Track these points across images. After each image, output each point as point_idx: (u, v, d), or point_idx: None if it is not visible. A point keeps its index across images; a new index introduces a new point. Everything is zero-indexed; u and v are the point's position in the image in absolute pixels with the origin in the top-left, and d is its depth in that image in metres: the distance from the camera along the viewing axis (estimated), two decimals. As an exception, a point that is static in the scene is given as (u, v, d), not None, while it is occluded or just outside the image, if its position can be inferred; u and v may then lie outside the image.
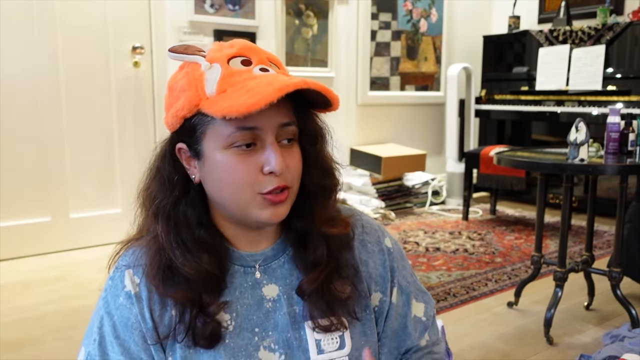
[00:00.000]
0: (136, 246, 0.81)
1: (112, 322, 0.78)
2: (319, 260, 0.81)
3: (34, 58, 2.97)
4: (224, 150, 0.74)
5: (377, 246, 0.89)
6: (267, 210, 0.76)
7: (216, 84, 0.73)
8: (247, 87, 0.72)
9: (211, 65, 0.75)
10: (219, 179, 0.75)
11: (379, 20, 4.37)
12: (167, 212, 0.78)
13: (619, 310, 2.23)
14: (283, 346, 0.80)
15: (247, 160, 0.74)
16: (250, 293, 0.81)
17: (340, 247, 0.84)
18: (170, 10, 3.34)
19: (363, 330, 0.85)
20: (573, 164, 1.95)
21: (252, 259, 0.82)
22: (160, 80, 3.35)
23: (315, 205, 0.82)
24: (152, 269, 0.77)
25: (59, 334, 2.10)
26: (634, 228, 2.34)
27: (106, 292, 0.80)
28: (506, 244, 3.32)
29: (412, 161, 4.25)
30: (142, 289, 0.78)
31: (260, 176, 0.74)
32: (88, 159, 3.19)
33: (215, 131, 0.74)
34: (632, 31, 3.76)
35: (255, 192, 0.75)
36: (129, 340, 0.77)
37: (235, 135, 0.73)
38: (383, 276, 0.88)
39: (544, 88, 4.07)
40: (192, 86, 0.75)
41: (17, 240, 2.98)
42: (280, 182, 0.75)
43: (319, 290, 0.80)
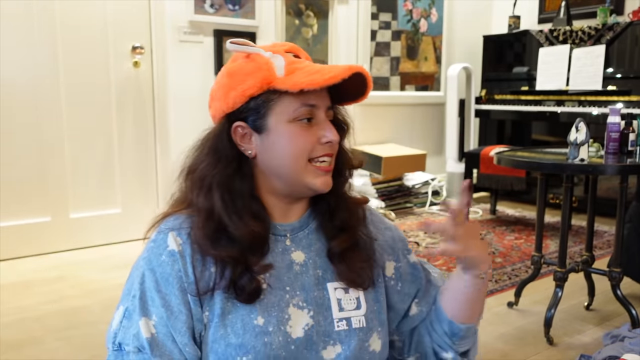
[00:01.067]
0: (177, 214, 0.91)
1: (154, 277, 0.85)
2: (345, 226, 0.95)
3: (34, 58, 2.97)
4: (288, 124, 0.87)
5: (382, 224, 1.04)
6: (319, 179, 0.89)
7: (284, 68, 0.87)
8: (315, 68, 0.86)
9: (273, 54, 0.89)
10: (283, 148, 0.88)
11: (379, 20, 4.37)
12: (224, 183, 0.88)
13: (619, 311, 2.23)
14: (311, 303, 0.90)
15: (308, 132, 0.88)
16: (281, 257, 0.91)
17: (358, 219, 0.98)
18: (170, 10, 3.34)
19: (376, 297, 0.97)
20: (573, 164, 1.95)
21: (283, 229, 0.93)
22: (160, 80, 3.35)
23: (343, 182, 0.97)
24: (202, 231, 0.86)
25: (59, 334, 2.10)
26: (634, 228, 2.34)
27: (148, 252, 0.88)
28: (506, 244, 3.32)
29: (412, 161, 4.25)
30: (185, 248, 0.86)
31: (318, 145, 0.88)
32: (88, 159, 3.19)
33: (281, 107, 0.87)
34: (632, 31, 3.76)
35: (307, 159, 0.88)
36: (170, 294, 0.84)
37: (301, 110, 0.87)
38: (392, 247, 1.02)
39: (544, 88, 4.07)
40: (262, 69, 0.87)
41: (17, 240, 2.98)
42: (331, 150, 0.90)
43: (345, 254, 0.93)
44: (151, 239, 0.89)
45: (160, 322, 0.84)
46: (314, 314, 0.89)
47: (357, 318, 0.92)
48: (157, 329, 0.84)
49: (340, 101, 0.95)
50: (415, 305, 1.02)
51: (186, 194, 0.92)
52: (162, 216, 0.92)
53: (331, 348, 0.89)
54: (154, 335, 0.83)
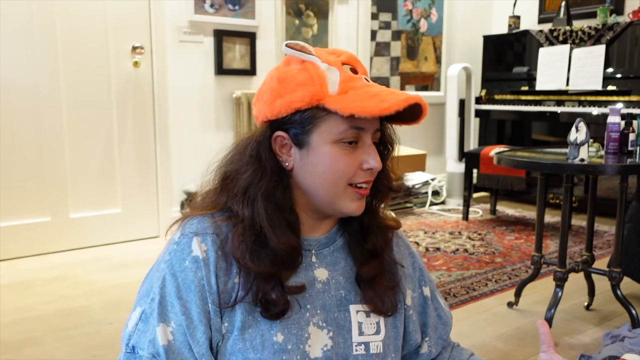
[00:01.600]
0: (203, 217, 0.87)
1: (176, 283, 0.82)
2: (375, 251, 0.92)
3: (34, 58, 2.97)
4: (332, 144, 0.83)
5: (407, 249, 1.02)
6: (354, 203, 0.86)
7: (338, 84, 0.83)
8: (370, 92, 0.82)
9: (330, 67, 0.83)
10: (322, 169, 0.84)
11: (379, 20, 4.37)
12: (268, 195, 0.85)
13: (619, 310, 2.23)
14: (331, 324, 0.87)
15: (351, 156, 0.84)
16: (304, 273, 0.88)
17: (387, 244, 0.95)
18: (170, 10, 3.34)
19: (395, 323, 0.95)
20: (573, 164, 1.95)
21: (308, 244, 0.90)
22: (160, 80, 3.35)
23: (379, 203, 0.94)
24: (240, 244, 0.83)
25: (59, 334, 2.10)
26: (634, 228, 2.34)
27: (171, 256, 0.84)
28: (506, 244, 3.32)
29: (412, 161, 4.24)
30: (209, 255, 0.83)
31: (359, 171, 0.85)
32: (88, 159, 3.19)
33: (327, 125, 0.83)
34: (632, 31, 3.76)
35: (346, 184, 0.85)
36: (190, 302, 0.82)
37: (347, 133, 0.83)
38: (412, 276, 1.00)
39: (544, 88, 4.07)
40: (315, 83, 0.82)
41: (17, 240, 2.98)
42: (372, 176, 0.87)
43: (374, 279, 0.91)
44: (174, 240, 0.86)
45: (178, 330, 0.81)
46: (333, 335, 0.87)
47: (375, 343, 0.90)
48: (175, 336, 0.81)
49: (390, 120, 0.90)
50: (425, 344, 1.01)
51: (219, 198, 0.88)
52: (186, 216, 0.89)
53: None
54: (170, 343, 0.81)
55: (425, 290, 1.02)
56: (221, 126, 3.62)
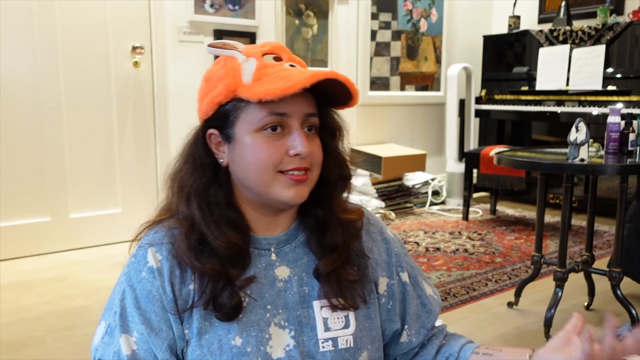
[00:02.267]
0: (159, 226, 0.88)
1: (134, 294, 0.83)
2: (336, 245, 0.89)
3: (34, 58, 2.97)
4: (253, 134, 0.82)
5: (380, 236, 0.98)
6: (289, 190, 0.83)
7: (252, 73, 0.82)
8: (281, 75, 0.80)
9: (247, 58, 0.84)
10: (247, 160, 0.83)
11: (379, 20, 4.37)
12: (201, 192, 0.85)
13: (619, 310, 2.23)
14: (293, 323, 0.86)
15: (275, 143, 0.82)
16: (264, 273, 0.87)
17: (352, 235, 0.92)
18: (170, 10, 3.34)
19: (367, 313, 0.92)
20: (573, 164, 1.95)
21: (267, 242, 0.89)
22: (160, 80, 3.35)
23: (333, 193, 0.91)
24: (183, 244, 0.83)
25: (59, 334, 2.10)
26: (634, 228, 2.34)
27: (129, 268, 0.85)
28: (506, 244, 3.32)
29: (412, 161, 4.25)
30: (163, 264, 0.83)
31: (286, 157, 0.82)
32: (88, 159, 3.19)
33: (247, 116, 0.82)
34: (632, 31, 3.76)
35: (276, 171, 0.82)
36: (149, 311, 0.82)
37: (267, 119, 0.81)
38: (387, 262, 0.96)
39: (544, 88, 4.07)
40: (229, 75, 0.83)
41: (17, 240, 2.98)
42: (302, 163, 0.83)
43: (334, 273, 0.87)
44: (132, 253, 0.87)
45: (140, 339, 0.82)
46: (295, 334, 0.85)
47: (344, 338, 0.88)
48: (138, 345, 0.82)
49: (332, 104, 0.89)
50: (405, 332, 0.97)
51: (170, 201, 0.89)
52: (145, 226, 0.90)
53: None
54: (135, 352, 0.81)
55: (403, 277, 0.97)
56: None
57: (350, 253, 0.91)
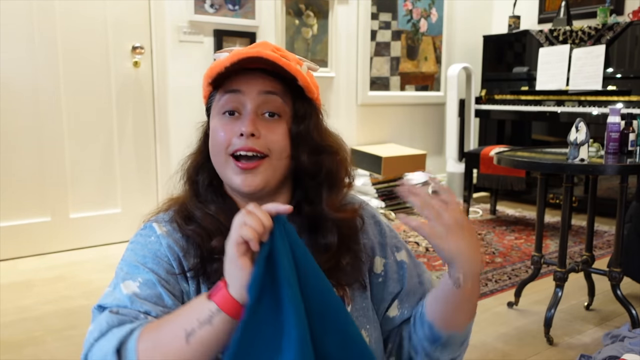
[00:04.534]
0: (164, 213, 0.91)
1: (142, 252, 0.85)
2: (330, 245, 0.86)
3: (34, 58, 2.97)
4: (216, 117, 0.86)
5: (372, 219, 0.98)
6: (238, 177, 0.83)
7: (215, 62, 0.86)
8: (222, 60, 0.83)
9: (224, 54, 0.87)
10: (210, 143, 0.87)
11: (379, 20, 4.36)
12: (190, 173, 0.90)
13: (619, 310, 2.23)
14: None
15: (228, 126, 0.84)
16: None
17: (349, 236, 0.89)
18: (170, 10, 3.33)
19: (364, 294, 0.92)
20: (573, 164, 1.95)
21: None
22: (160, 80, 3.35)
23: (319, 188, 0.87)
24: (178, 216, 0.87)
25: (59, 334, 2.10)
26: (634, 228, 2.34)
27: (136, 237, 0.88)
28: (506, 244, 3.32)
29: (412, 161, 4.25)
30: (170, 232, 0.86)
31: (235, 139, 0.82)
32: (88, 159, 3.19)
33: (215, 102, 0.87)
34: (632, 31, 3.76)
35: (227, 154, 0.83)
36: (158, 266, 0.83)
37: (224, 99, 0.84)
38: (381, 243, 0.96)
39: (544, 88, 4.07)
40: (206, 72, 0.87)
41: (17, 240, 2.98)
42: (247, 144, 0.81)
43: (329, 270, 0.84)
44: (141, 228, 0.91)
45: (145, 283, 0.81)
46: None
47: None
48: (141, 288, 0.81)
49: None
50: (396, 306, 0.95)
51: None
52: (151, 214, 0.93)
53: None
54: (136, 293, 0.80)
55: (399, 256, 0.97)
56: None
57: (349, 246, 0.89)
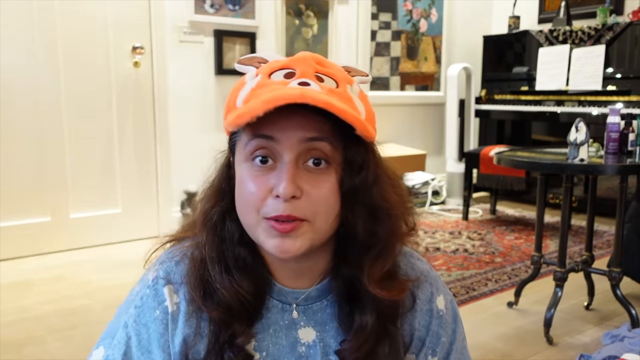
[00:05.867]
0: (178, 254, 0.76)
1: (147, 334, 0.73)
2: (364, 327, 0.71)
3: (34, 58, 2.97)
4: (243, 164, 0.68)
5: (426, 305, 0.79)
6: (272, 240, 0.66)
7: (246, 94, 0.66)
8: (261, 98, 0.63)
9: (256, 75, 0.69)
10: (237, 195, 0.69)
11: (379, 20, 4.37)
12: (215, 222, 0.72)
13: (619, 310, 2.23)
14: None
15: (259, 179, 0.66)
16: (285, 333, 0.74)
17: (388, 317, 0.73)
18: (170, 10, 3.33)
19: None
20: (573, 164, 1.95)
21: (293, 296, 0.74)
22: (160, 80, 3.35)
23: (364, 254, 0.70)
24: (193, 278, 0.72)
25: (59, 334, 2.10)
26: (634, 228, 2.34)
27: (142, 302, 0.74)
28: (506, 244, 3.32)
29: (412, 161, 4.25)
30: (180, 309, 0.73)
31: (269, 199, 0.65)
32: (88, 159, 3.19)
33: (240, 142, 0.69)
34: (632, 31, 3.76)
35: (261, 216, 0.66)
36: (157, 356, 0.73)
37: (252, 144, 0.66)
38: (422, 339, 0.78)
39: (544, 88, 4.07)
40: (231, 96, 0.70)
41: (17, 240, 2.98)
42: (286, 210, 0.64)
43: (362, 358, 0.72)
44: (147, 283, 0.75)
45: None
46: None
47: None
48: None
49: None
50: None
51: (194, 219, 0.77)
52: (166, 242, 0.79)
53: None
54: None
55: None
56: (221, 126, 3.57)
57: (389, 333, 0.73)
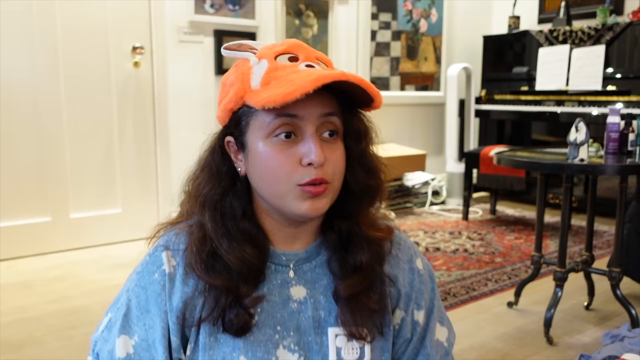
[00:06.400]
0: (176, 229, 0.84)
1: (144, 295, 0.80)
2: (360, 265, 0.82)
3: (34, 58, 2.97)
4: (265, 140, 0.76)
5: (408, 265, 0.90)
6: (305, 203, 0.76)
7: (261, 77, 0.76)
8: (289, 79, 0.74)
9: (259, 60, 0.79)
10: (260, 169, 0.78)
11: (379, 20, 4.37)
12: (215, 202, 0.81)
13: (619, 310, 2.23)
14: (303, 348, 0.81)
15: (287, 152, 0.76)
16: (278, 291, 0.82)
17: (378, 256, 0.85)
18: (170, 10, 3.33)
19: (385, 346, 0.86)
20: (573, 164, 1.95)
21: (286, 258, 0.84)
22: (160, 80, 3.35)
23: (360, 206, 0.83)
24: (195, 255, 0.79)
25: (59, 334, 2.10)
26: (634, 228, 2.34)
27: (142, 267, 0.82)
28: (506, 244, 3.32)
29: (412, 161, 4.25)
30: (177, 271, 0.80)
31: (300, 168, 0.75)
32: (88, 159, 3.19)
33: (257, 121, 0.77)
34: (632, 31, 3.76)
35: (293, 184, 0.76)
36: (155, 315, 0.79)
37: (275, 122, 0.75)
38: (409, 295, 0.89)
39: (544, 88, 4.07)
40: (239, 79, 0.78)
41: (17, 240, 2.98)
42: (318, 174, 0.75)
43: (354, 298, 0.81)
44: (148, 252, 0.84)
45: (141, 345, 0.80)
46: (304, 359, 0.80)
47: None
48: (136, 349, 0.80)
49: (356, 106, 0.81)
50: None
51: (188, 205, 0.86)
52: (164, 225, 0.86)
53: None
54: (129, 355, 0.79)
55: (417, 315, 0.89)
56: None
57: (375, 277, 0.84)
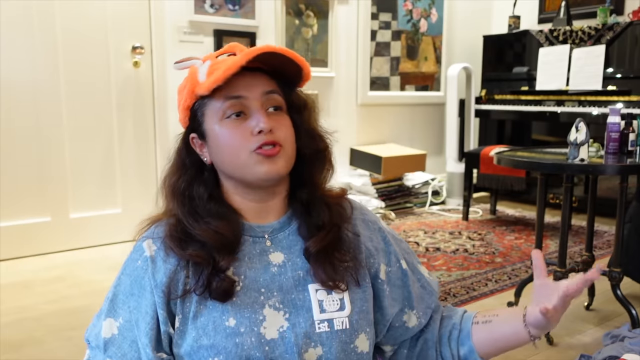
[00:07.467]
0: (157, 222, 0.94)
1: (129, 281, 0.90)
2: (322, 224, 0.93)
3: (34, 58, 2.97)
4: (220, 123, 0.89)
5: (376, 225, 1.03)
6: (264, 166, 0.88)
7: (205, 72, 0.89)
8: (227, 63, 0.86)
9: (204, 62, 0.92)
10: (221, 148, 0.89)
11: (379, 20, 4.36)
12: (183, 189, 0.92)
13: (619, 310, 2.23)
14: (288, 305, 0.89)
15: (240, 127, 0.88)
16: (258, 259, 0.91)
17: (340, 215, 0.97)
18: (170, 10, 3.34)
19: (364, 297, 0.95)
20: (573, 164, 1.95)
21: (261, 230, 0.94)
22: (160, 80, 3.35)
23: (313, 170, 0.96)
24: (171, 236, 0.89)
25: (59, 334, 2.10)
26: (634, 228, 2.34)
27: (127, 259, 0.93)
28: (506, 244, 3.32)
29: (412, 161, 4.25)
30: (158, 253, 0.89)
31: (252, 137, 0.87)
32: (88, 159, 3.19)
33: (211, 109, 0.90)
34: (632, 31, 3.76)
35: (249, 151, 0.87)
36: (141, 296, 0.88)
37: (225, 105, 0.88)
38: (385, 250, 1.01)
39: (544, 88, 4.07)
40: (189, 81, 0.91)
41: (17, 240, 2.98)
42: (269, 138, 0.87)
43: (323, 253, 0.91)
44: (134, 246, 0.94)
45: (125, 326, 0.88)
46: (290, 315, 0.89)
47: (339, 319, 0.91)
48: (120, 331, 0.88)
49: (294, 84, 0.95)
50: (414, 316, 1.01)
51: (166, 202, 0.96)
52: (147, 222, 0.95)
53: (312, 350, 0.88)
54: (113, 336, 0.88)
55: (403, 264, 1.02)
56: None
57: (341, 235, 0.95)
